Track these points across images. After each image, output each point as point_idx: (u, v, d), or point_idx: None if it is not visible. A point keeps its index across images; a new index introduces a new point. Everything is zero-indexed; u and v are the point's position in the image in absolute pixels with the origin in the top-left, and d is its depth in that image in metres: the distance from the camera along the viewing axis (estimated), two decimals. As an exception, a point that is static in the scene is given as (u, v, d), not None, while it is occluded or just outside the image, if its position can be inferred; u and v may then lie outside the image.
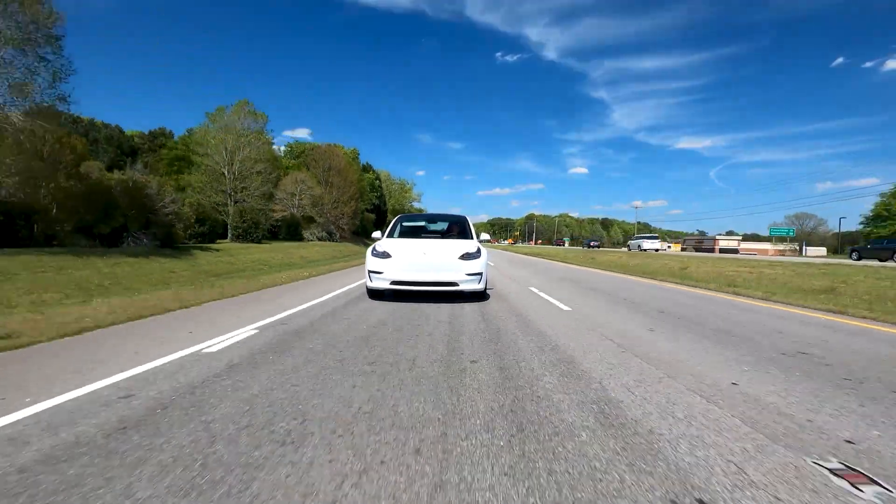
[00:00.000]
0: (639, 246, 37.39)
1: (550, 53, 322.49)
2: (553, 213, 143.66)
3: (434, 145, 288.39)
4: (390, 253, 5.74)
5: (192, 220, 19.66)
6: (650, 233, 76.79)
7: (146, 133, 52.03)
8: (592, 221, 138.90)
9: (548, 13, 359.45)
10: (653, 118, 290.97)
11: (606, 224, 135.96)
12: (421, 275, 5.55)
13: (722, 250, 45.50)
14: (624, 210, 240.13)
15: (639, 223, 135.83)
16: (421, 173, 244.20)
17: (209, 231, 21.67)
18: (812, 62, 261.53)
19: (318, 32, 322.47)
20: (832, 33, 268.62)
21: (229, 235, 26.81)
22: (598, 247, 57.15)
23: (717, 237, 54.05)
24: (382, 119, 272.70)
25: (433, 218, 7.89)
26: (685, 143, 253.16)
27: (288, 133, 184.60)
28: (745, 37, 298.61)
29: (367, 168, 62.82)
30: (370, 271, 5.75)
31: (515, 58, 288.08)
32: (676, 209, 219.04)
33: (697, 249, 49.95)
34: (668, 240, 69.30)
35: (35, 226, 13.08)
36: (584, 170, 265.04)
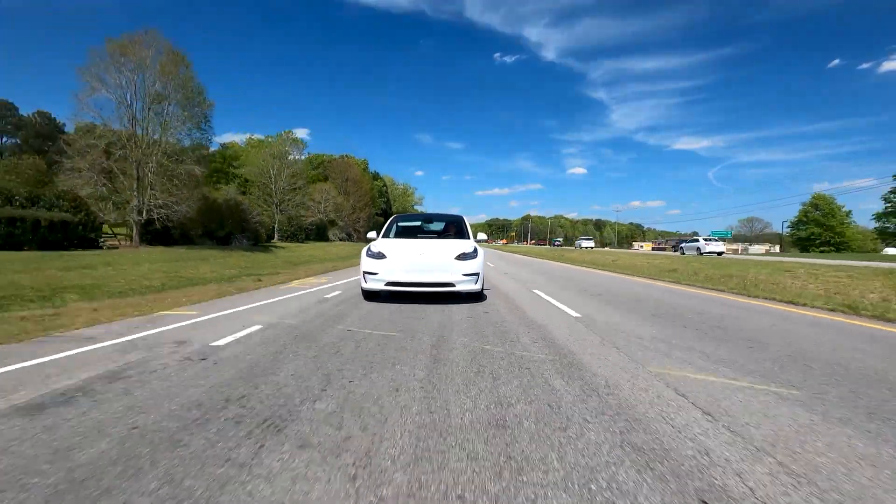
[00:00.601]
0: (580, 245, 49.10)
1: (550, 54, 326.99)
2: (552, 213, 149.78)
3: (433, 145, 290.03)
4: (385, 253, 5.69)
5: (271, 227, 26.60)
6: (643, 234, 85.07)
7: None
8: (586, 222, 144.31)
9: (547, 13, 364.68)
10: (652, 118, 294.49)
11: (600, 225, 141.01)
12: (417, 275, 5.56)
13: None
14: (622, 211, 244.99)
15: (631, 224, 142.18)
16: (420, 173, 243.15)
17: (268, 234, 28.64)
18: (809, 63, 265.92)
19: (316, 31, 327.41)
20: (829, 35, 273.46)
21: (276, 237, 33.73)
22: (560, 245, 73.02)
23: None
24: (381, 119, 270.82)
25: (429, 218, 7.90)
26: (684, 143, 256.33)
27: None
28: (744, 37, 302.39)
29: (375, 176, 69.93)
30: (365, 272, 5.67)
31: (515, 58, 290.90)
32: (675, 209, 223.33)
33: (675, 248, 56.44)
34: (659, 240, 77.19)
35: (174, 231, 19.95)
36: (582, 170, 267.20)
